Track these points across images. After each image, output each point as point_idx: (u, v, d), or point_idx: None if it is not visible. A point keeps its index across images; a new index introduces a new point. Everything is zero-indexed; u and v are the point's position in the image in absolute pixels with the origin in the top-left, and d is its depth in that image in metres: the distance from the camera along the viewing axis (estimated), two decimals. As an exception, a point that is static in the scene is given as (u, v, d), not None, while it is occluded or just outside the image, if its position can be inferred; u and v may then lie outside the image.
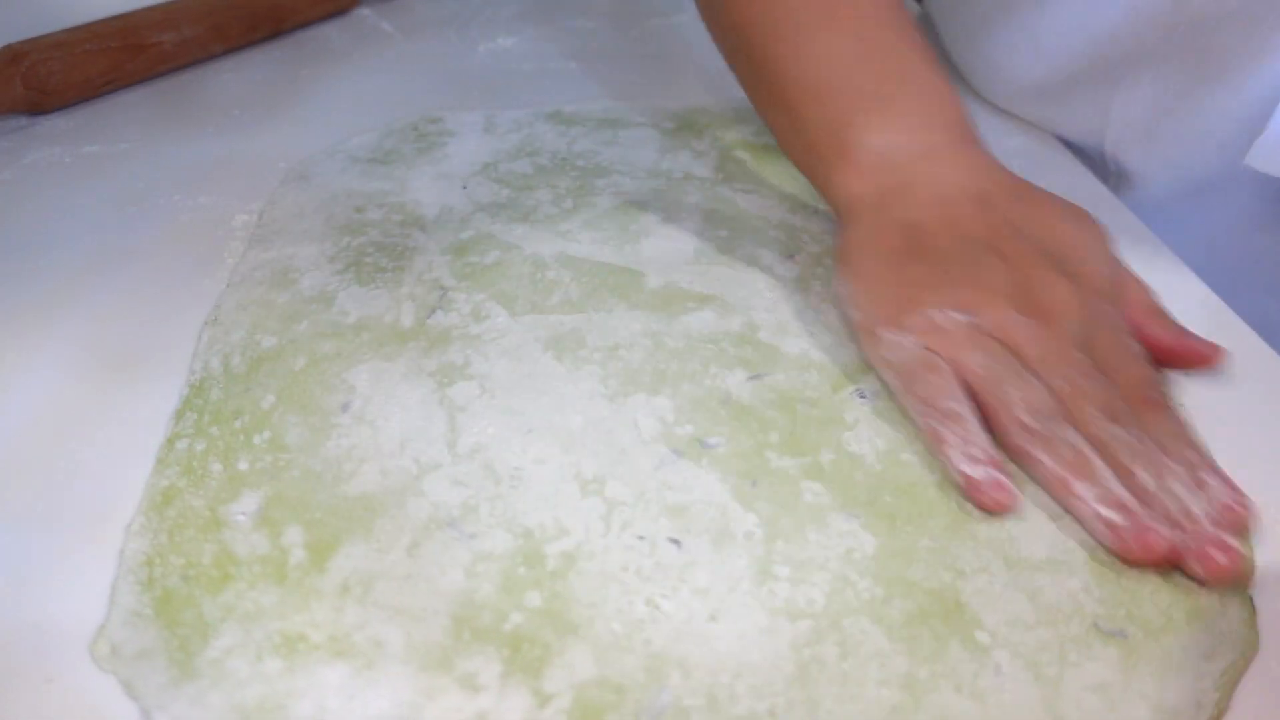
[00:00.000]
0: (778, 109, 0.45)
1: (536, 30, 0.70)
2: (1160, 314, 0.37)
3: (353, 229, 0.47)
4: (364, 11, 0.77)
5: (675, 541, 0.31)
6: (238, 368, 0.38)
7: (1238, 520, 0.30)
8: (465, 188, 0.51)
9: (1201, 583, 0.29)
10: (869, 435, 0.35)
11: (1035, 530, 0.31)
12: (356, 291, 0.42)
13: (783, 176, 0.51)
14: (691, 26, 0.70)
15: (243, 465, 0.33)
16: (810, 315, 0.40)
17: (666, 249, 0.45)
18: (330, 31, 0.71)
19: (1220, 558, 0.29)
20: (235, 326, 0.40)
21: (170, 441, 0.34)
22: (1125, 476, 0.31)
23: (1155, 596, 0.29)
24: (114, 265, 0.45)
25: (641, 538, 0.31)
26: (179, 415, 0.36)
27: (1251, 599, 0.29)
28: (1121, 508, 0.30)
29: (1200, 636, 0.28)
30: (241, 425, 0.35)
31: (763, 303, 0.41)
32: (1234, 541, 0.30)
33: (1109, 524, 0.30)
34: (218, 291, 0.43)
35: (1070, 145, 0.57)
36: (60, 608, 0.29)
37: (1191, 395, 0.37)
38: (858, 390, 0.36)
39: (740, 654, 0.27)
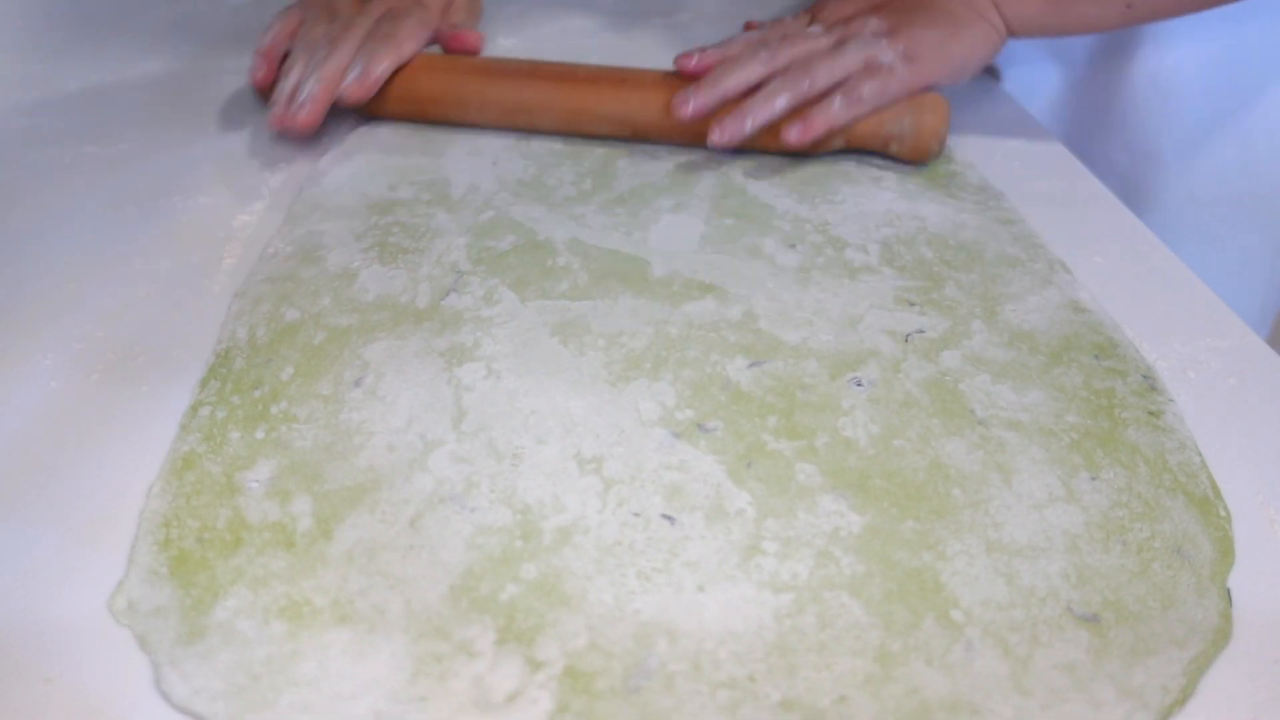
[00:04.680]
0: None
1: (537, 30, 0.70)
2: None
3: (382, 207, 0.48)
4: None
5: (669, 518, 0.32)
6: (262, 339, 0.39)
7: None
8: (495, 164, 0.52)
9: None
10: (864, 421, 0.36)
11: (1019, 518, 0.32)
12: (378, 270, 0.43)
13: (795, 165, 0.52)
14: (692, 26, 0.70)
15: (259, 434, 0.35)
16: (810, 304, 0.41)
17: (673, 236, 0.46)
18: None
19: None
20: (263, 299, 0.42)
21: (193, 409, 0.36)
22: None
23: (1133, 584, 0.30)
24: (114, 265, 0.45)
25: (637, 514, 0.32)
26: (204, 383, 0.37)
27: (1229, 591, 0.30)
28: None
29: (1174, 624, 0.29)
30: (260, 395, 0.36)
31: (764, 291, 0.42)
32: None
33: None
34: (217, 290, 0.43)
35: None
36: (63, 605, 0.29)
37: (1192, 395, 0.37)
38: (854, 378, 0.37)
39: (725, 623, 0.29)
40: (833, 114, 0.49)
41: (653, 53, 0.65)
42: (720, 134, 0.49)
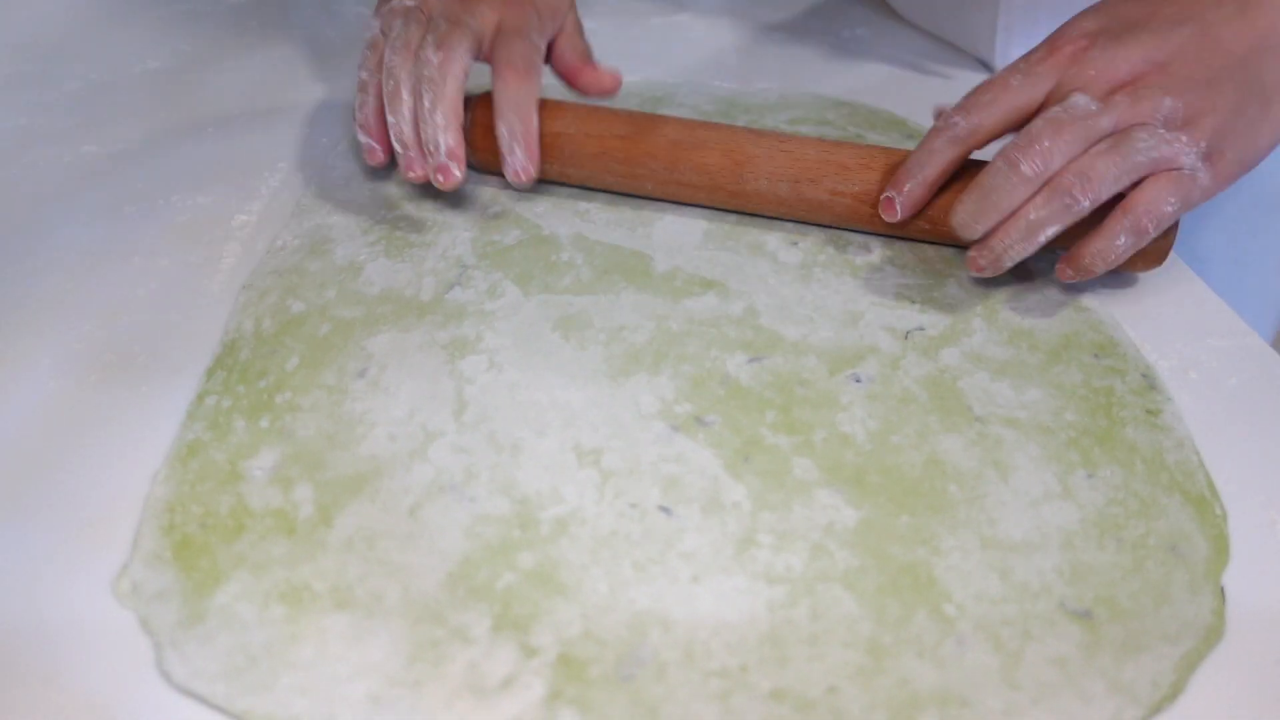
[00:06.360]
0: None
1: (535, 29, 0.70)
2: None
3: (390, 201, 0.49)
4: (362, 10, 0.77)
5: (665, 510, 0.32)
6: (268, 330, 0.40)
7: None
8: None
9: None
10: (862, 417, 0.36)
11: (1015, 514, 0.32)
12: (384, 264, 0.44)
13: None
14: (691, 26, 0.70)
15: (263, 423, 0.35)
16: (811, 300, 0.41)
17: (676, 232, 0.46)
18: (328, 32, 0.69)
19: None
20: (270, 291, 0.42)
21: (199, 398, 0.37)
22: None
23: (1126, 581, 0.30)
24: (114, 265, 0.44)
25: (634, 505, 0.32)
26: (210, 373, 0.38)
27: (1223, 589, 0.30)
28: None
29: (1166, 621, 0.29)
30: (265, 385, 0.37)
31: (765, 288, 0.42)
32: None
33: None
34: (217, 290, 0.43)
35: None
36: (66, 602, 0.30)
37: (1193, 395, 0.37)
38: (854, 374, 0.38)
39: (718, 613, 0.29)
40: (1117, 254, 0.38)
41: (651, 53, 0.65)
42: (979, 267, 0.39)
